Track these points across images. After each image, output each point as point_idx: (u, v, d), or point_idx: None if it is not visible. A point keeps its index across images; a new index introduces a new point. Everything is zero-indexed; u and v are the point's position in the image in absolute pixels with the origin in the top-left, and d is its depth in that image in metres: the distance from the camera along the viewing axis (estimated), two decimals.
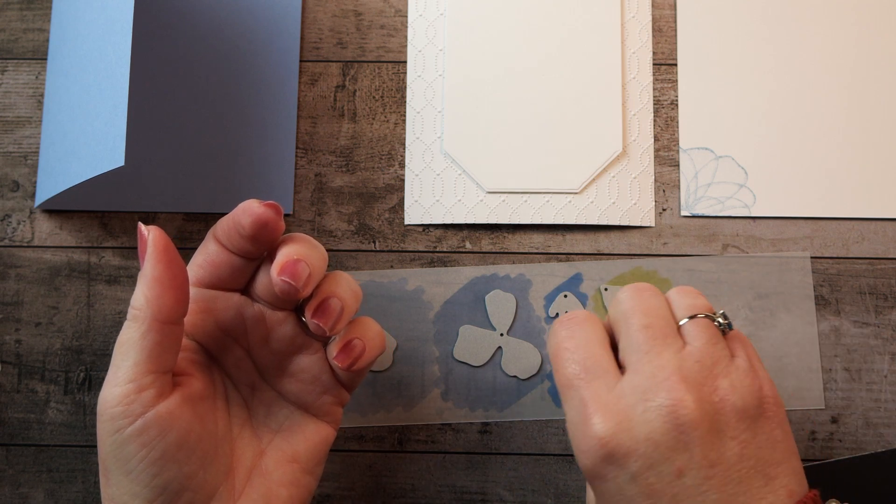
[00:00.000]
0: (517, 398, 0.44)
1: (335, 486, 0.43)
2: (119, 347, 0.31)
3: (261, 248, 0.33)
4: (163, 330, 0.31)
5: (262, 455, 0.35)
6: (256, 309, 0.35)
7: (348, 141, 0.46)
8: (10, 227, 0.46)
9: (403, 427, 0.44)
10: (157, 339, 0.30)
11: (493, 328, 0.44)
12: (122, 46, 0.38)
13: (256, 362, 0.36)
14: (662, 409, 0.30)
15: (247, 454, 0.35)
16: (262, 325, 0.35)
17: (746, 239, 0.45)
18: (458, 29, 0.47)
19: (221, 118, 0.46)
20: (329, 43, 0.47)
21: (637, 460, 0.29)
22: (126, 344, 0.31)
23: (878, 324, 0.44)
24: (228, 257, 0.34)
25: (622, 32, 0.47)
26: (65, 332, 0.44)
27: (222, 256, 0.34)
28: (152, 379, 0.31)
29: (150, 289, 0.31)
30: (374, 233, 0.46)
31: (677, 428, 0.29)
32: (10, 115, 0.47)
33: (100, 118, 0.38)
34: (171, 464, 0.30)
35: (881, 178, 0.45)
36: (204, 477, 0.31)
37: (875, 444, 0.43)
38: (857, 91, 0.46)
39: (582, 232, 0.46)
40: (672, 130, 0.46)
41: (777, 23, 0.47)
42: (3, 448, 0.44)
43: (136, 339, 0.30)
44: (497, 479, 0.43)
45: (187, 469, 0.31)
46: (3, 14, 0.48)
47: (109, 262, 0.45)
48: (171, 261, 0.31)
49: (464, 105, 0.46)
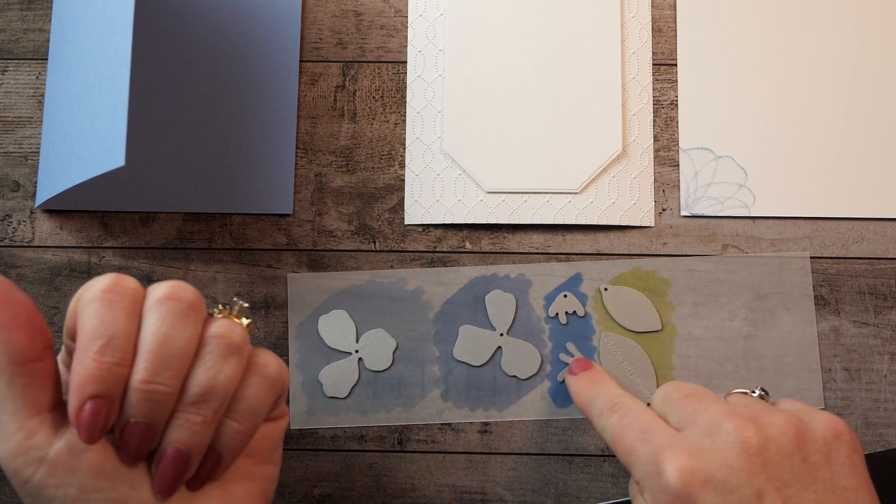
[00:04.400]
0: (517, 398, 0.44)
1: (335, 486, 0.43)
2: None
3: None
4: (28, 371, 0.28)
5: None
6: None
7: (348, 141, 0.46)
8: (11, 227, 0.46)
9: (403, 427, 0.44)
10: (26, 381, 0.28)
11: (493, 328, 0.44)
12: (122, 46, 0.38)
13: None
14: (730, 436, 0.30)
15: None
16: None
17: (746, 239, 0.45)
18: (458, 29, 0.47)
19: (221, 118, 0.46)
20: (329, 43, 0.47)
21: (716, 487, 0.30)
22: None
23: (877, 324, 0.44)
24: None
25: (622, 32, 0.47)
26: None
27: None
28: (38, 421, 0.28)
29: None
30: (374, 233, 0.46)
31: (747, 451, 0.30)
32: (11, 115, 0.47)
33: (100, 118, 0.38)
34: (96, 493, 0.28)
35: (881, 178, 0.45)
36: (139, 496, 0.29)
37: (875, 444, 0.43)
38: (857, 91, 0.46)
39: (582, 232, 0.46)
40: (672, 130, 0.46)
41: (777, 23, 0.47)
42: None
43: (4, 390, 0.28)
44: (497, 479, 0.43)
45: (116, 493, 0.28)
46: (4, 14, 0.48)
47: (110, 262, 0.45)
48: (7, 299, 0.28)
49: (464, 105, 0.46)
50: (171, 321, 0.28)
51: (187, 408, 0.29)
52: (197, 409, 0.29)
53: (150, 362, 0.28)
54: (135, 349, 0.28)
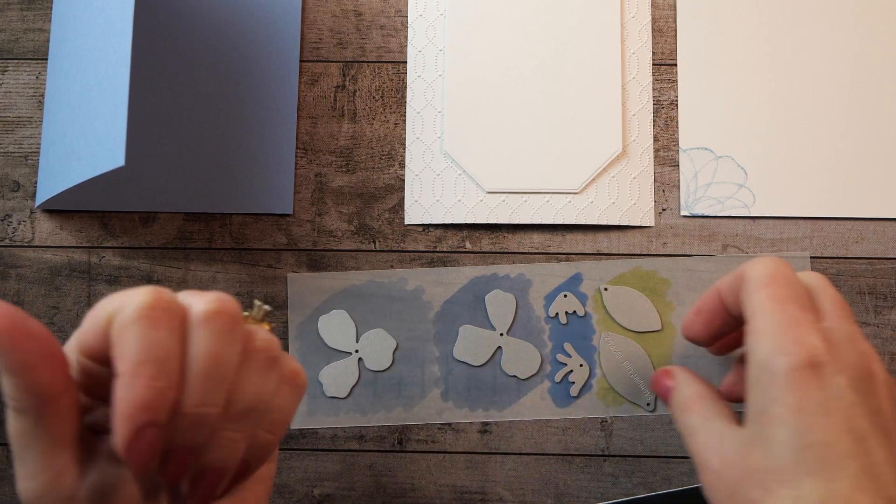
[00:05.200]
0: (517, 398, 0.44)
1: (335, 486, 0.43)
2: (16, 440, 0.26)
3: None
4: (55, 409, 0.26)
5: None
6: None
7: (348, 141, 0.46)
8: (11, 227, 0.46)
9: (403, 427, 0.44)
10: (54, 419, 0.26)
11: (493, 328, 0.44)
12: (122, 46, 0.38)
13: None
14: (864, 356, 0.30)
15: None
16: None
17: (746, 239, 0.45)
18: (458, 29, 0.47)
19: (221, 118, 0.46)
20: (329, 43, 0.47)
21: (847, 382, 0.29)
22: (22, 436, 0.26)
23: (877, 324, 0.44)
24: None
25: (622, 32, 0.47)
26: (65, 331, 0.45)
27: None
28: (66, 456, 0.26)
29: (20, 377, 0.25)
30: (374, 233, 0.46)
31: (871, 374, 0.30)
32: (11, 115, 0.47)
33: (100, 118, 0.38)
34: None
35: (881, 178, 0.45)
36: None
37: None
38: (857, 91, 0.46)
39: (582, 232, 0.46)
40: (672, 130, 0.46)
41: (777, 23, 0.47)
42: (4, 448, 0.44)
43: (31, 429, 0.26)
44: (497, 479, 0.43)
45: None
46: (4, 14, 0.48)
47: (110, 262, 0.45)
48: (28, 334, 0.25)
49: (464, 105, 0.46)
50: (222, 339, 0.27)
51: (229, 425, 0.27)
52: (238, 426, 0.28)
53: (203, 384, 0.26)
54: (182, 369, 0.26)
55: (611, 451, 0.43)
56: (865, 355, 0.30)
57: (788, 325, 0.30)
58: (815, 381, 0.29)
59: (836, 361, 0.29)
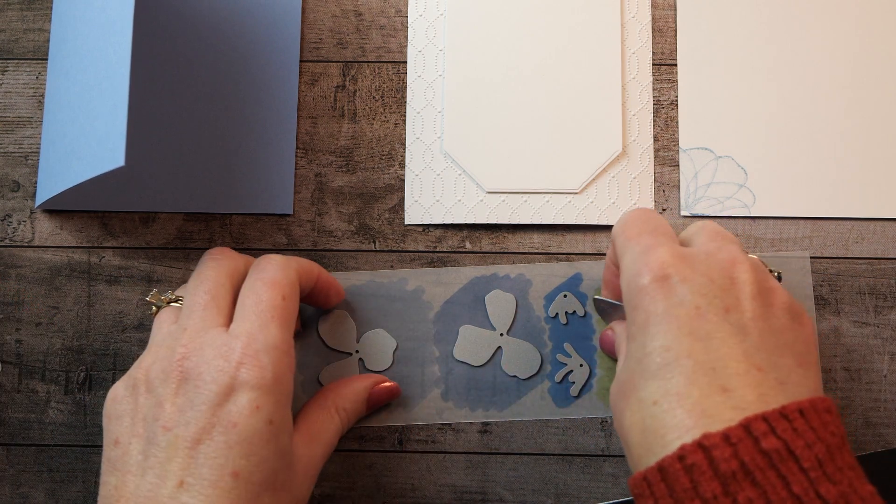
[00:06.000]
0: (517, 398, 0.44)
1: (335, 486, 0.43)
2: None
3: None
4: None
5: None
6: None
7: (348, 141, 0.46)
8: (11, 227, 0.46)
9: (403, 427, 0.44)
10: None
11: (493, 328, 0.44)
12: (122, 46, 0.38)
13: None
14: (724, 263, 0.33)
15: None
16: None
17: (746, 239, 0.45)
18: (458, 29, 0.47)
19: (221, 118, 0.46)
20: (329, 43, 0.47)
21: (692, 288, 0.32)
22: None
23: (877, 324, 0.44)
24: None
25: (622, 32, 0.47)
26: (65, 332, 0.45)
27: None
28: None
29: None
30: (374, 233, 0.46)
31: (731, 279, 0.33)
32: (11, 115, 0.47)
33: (100, 118, 0.38)
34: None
35: (881, 178, 0.45)
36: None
37: (875, 444, 0.43)
38: (857, 91, 0.46)
39: (582, 232, 0.46)
40: (672, 130, 0.46)
41: (777, 23, 0.47)
42: (4, 448, 0.44)
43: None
44: (497, 479, 0.43)
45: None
46: (4, 14, 0.48)
47: (110, 262, 0.45)
48: (392, 391, 0.43)
49: (464, 105, 0.46)
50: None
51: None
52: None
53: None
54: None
55: (611, 451, 0.43)
56: (725, 263, 0.33)
57: (641, 253, 0.34)
58: (661, 293, 0.32)
59: (682, 272, 0.32)
